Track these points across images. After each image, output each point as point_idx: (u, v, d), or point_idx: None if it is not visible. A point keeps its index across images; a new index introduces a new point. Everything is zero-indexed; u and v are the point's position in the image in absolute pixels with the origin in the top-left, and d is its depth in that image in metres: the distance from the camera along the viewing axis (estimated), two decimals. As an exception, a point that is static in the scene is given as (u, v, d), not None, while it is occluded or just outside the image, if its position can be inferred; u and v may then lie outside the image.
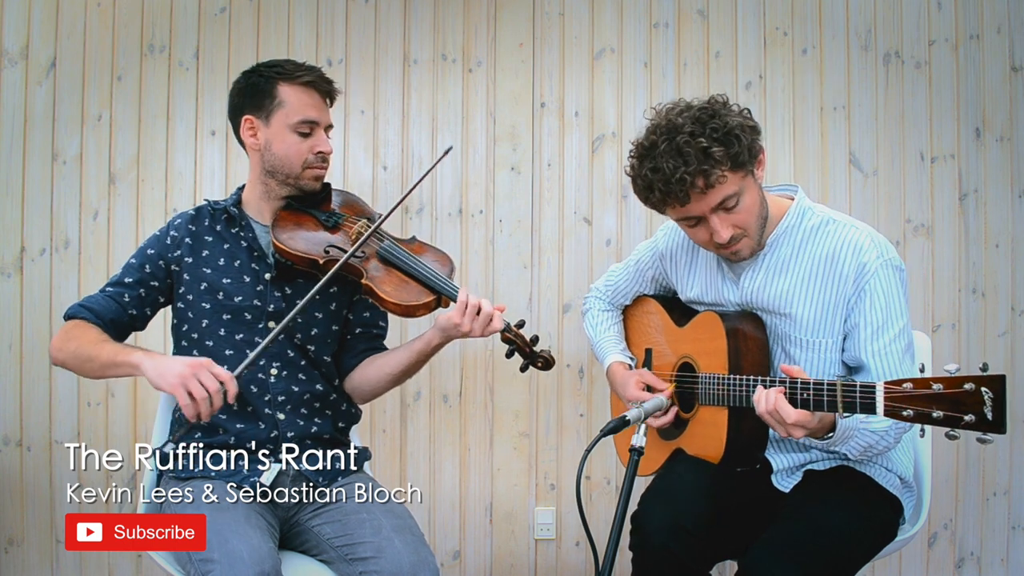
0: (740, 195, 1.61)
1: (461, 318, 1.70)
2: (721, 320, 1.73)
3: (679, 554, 1.61)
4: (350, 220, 1.86)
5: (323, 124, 1.82)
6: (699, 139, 1.55)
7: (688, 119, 1.58)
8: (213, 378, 1.57)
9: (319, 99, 1.82)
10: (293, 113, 1.78)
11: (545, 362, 1.81)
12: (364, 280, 1.74)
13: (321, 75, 1.82)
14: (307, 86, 1.79)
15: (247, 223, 1.84)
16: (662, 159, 1.57)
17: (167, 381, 1.57)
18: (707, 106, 1.60)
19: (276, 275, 1.80)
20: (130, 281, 1.80)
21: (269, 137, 1.79)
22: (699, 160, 1.55)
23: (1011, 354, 2.71)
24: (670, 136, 1.57)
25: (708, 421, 1.75)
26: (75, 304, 1.78)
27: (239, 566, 1.47)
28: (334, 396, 1.85)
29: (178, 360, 1.61)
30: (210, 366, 1.59)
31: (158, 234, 1.85)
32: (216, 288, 1.79)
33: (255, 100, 1.79)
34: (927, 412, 1.26)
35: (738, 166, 1.59)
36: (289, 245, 1.76)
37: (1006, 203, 2.72)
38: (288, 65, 1.81)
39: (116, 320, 1.77)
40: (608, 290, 2.08)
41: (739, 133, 1.58)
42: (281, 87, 1.78)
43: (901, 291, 1.65)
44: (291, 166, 1.80)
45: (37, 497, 2.56)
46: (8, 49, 2.59)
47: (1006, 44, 2.73)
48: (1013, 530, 2.73)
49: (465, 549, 2.68)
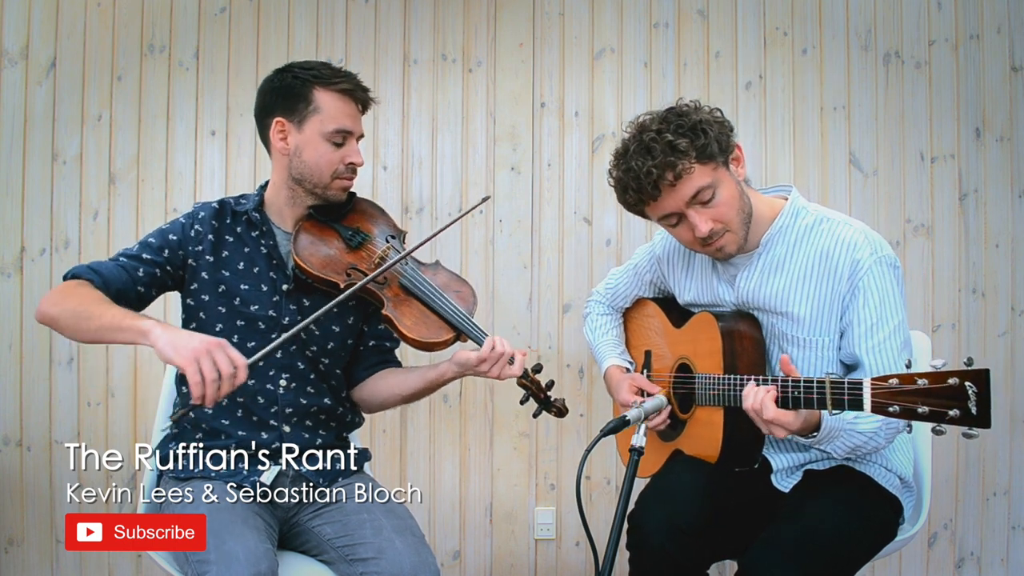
0: (715, 188, 1.62)
1: (480, 362, 1.68)
2: (716, 321, 1.73)
3: (676, 554, 1.61)
4: (374, 243, 1.81)
5: (356, 134, 1.77)
6: (664, 135, 1.60)
7: (655, 119, 1.65)
8: (229, 361, 1.46)
9: (355, 108, 1.75)
10: (329, 121, 1.71)
11: (559, 411, 1.80)
12: (384, 311, 1.71)
13: (359, 83, 1.76)
14: (345, 94, 1.72)
15: (269, 229, 1.78)
16: (632, 159, 1.62)
17: (180, 355, 1.45)
18: (674, 107, 1.66)
19: (293, 287, 1.77)
20: (148, 258, 1.72)
21: (300, 143, 1.72)
22: (664, 152, 1.59)
23: (1011, 354, 2.72)
24: (639, 137, 1.64)
25: (705, 421, 1.75)
26: (82, 265, 1.68)
27: (235, 567, 1.47)
28: (340, 410, 1.83)
29: (195, 335, 1.49)
30: (227, 348, 1.48)
31: (183, 222, 1.77)
32: (233, 293, 1.74)
33: (288, 102, 1.72)
34: (913, 407, 1.27)
35: (706, 157, 1.61)
36: (310, 264, 1.72)
37: (1006, 203, 2.72)
38: (325, 70, 1.73)
39: (123, 291, 1.67)
40: (608, 293, 2.09)
41: (705, 127, 1.61)
42: (318, 92, 1.71)
43: (896, 288, 1.64)
44: (320, 175, 1.74)
45: (37, 497, 2.56)
46: (8, 49, 2.59)
47: (1006, 44, 2.73)
48: (1013, 530, 2.73)
49: (465, 549, 2.68)
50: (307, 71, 1.73)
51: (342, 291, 1.67)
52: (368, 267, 1.76)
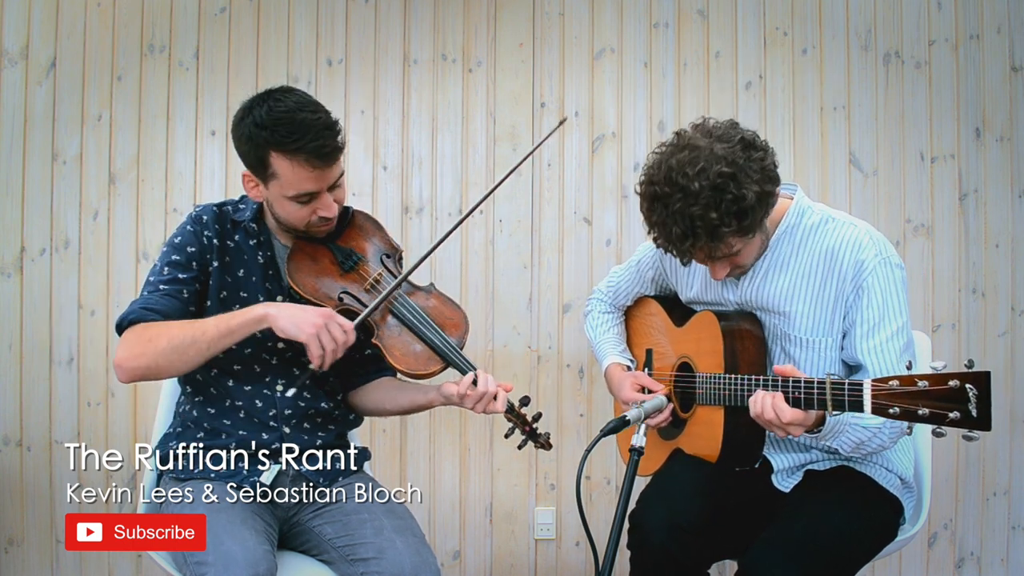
0: (744, 245, 1.61)
1: (461, 399, 1.68)
2: (718, 320, 1.73)
3: (676, 554, 1.61)
4: (367, 265, 1.79)
5: (325, 188, 1.66)
6: (711, 213, 1.50)
7: (705, 184, 1.49)
8: (341, 330, 1.59)
9: (319, 167, 1.61)
10: (288, 187, 1.63)
11: (543, 445, 1.80)
12: (375, 340, 1.72)
13: (321, 144, 1.58)
14: (303, 161, 1.59)
15: (267, 239, 1.78)
16: (672, 221, 1.52)
17: (304, 331, 1.57)
18: (729, 170, 1.50)
19: (287, 300, 1.76)
20: (184, 278, 1.70)
21: (269, 198, 1.70)
22: (708, 235, 1.52)
23: (1011, 354, 2.71)
24: (682, 197, 1.51)
25: (705, 421, 1.75)
26: (134, 310, 1.63)
27: (233, 567, 1.47)
28: (339, 412, 1.84)
29: (308, 309, 1.61)
30: (336, 317, 1.61)
31: (191, 230, 1.73)
32: (233, 300, 1.74)
33: (249, 162, 1.66)
34: (913, 409, 1.27)
35: (746, 232, 1.56)
36: (302, 287, 1.72)
37: (1006, 203, 2.72)
38: (282, 129, 1.57)
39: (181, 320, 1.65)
40: (610, 291, 2.08)
41: (755, 205, 1.52)
42: (275, 158, 1.60)
43: (900, 289, 1.64)
44: (295, 225, 1.72)
45: (37, 497, 2.56)
46: (8, 49, 2.59)
47: (1006, 44, 2.73)
48: (1013, 530, 2.73)
49: (465, 549, 2.68)
50: (264, 131, 1.58)
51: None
52: (359, 291, 1.76)
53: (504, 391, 1.70)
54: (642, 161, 2.67)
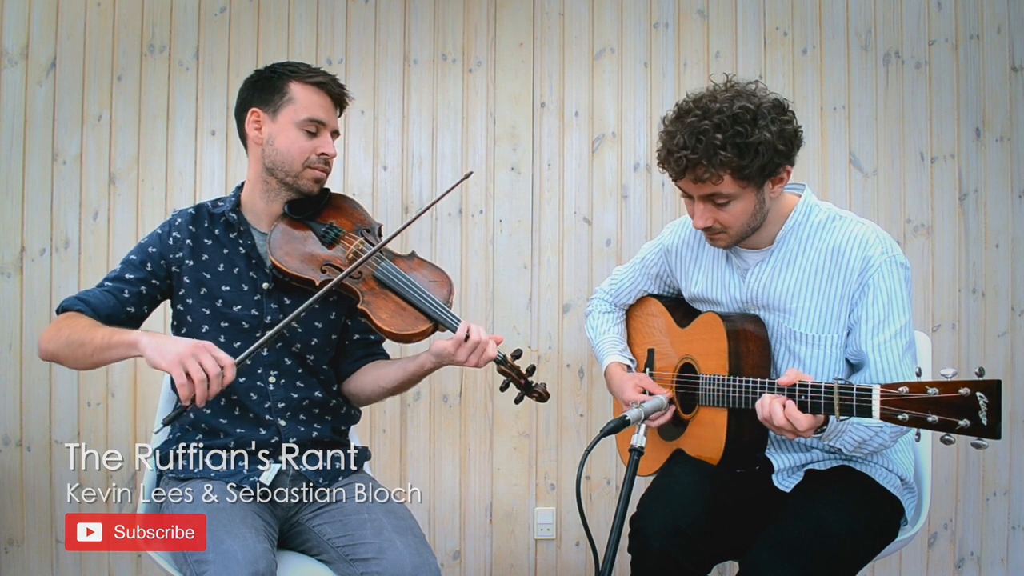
0: (733, 199, 1.62)
1: (456, 350, 1.68)
2: (722, 321, 1.73)
3: (678, 557, 1.61)
4: (349, 236, 1.83)
5: (330, 127, 1.82)
6: (717, 135, 1.56)
7: (725, 108, 1.57)
8: (214, 361, 1.52)
9: (329, 102, 1.82)
10: (302, 110, 1.77)
11: (540, 396, 1.79)
12: (360, 305, 1.73)
13: (334, 79, 1.83)
14: (319, 87, 1.80)
15: (246, 229, 1.82)
16: (683, 130, 1.59)
17: (166, 360, 1.51)
18: (753, 107, 1.58)
19: (274, 286, 1.79)
20: (131, 278, 1.77)
21: (273, 132, 1.78)
22: (705, 153, 1.57)
23: (1011, 354, 2.72)
24: (700, 112, 1.59)
25: (708, 422, 1.75)
26: (70, 297, 1.74)
27: (233, 567, 1.47)
28: (333, 402, 1.85)
29: (180, 340, 1.56)
30: (212, 349, 1.54)
31: (159, 233, 1.82)
32: (215, 295, 1.77)
33: (264, 94, 1.79)
34: (922, 416, 1.26)
35: (740, 177, 1.59)
36: (285, 263, 1.75)
37: (1006, 203, 2.72)
38: (302, 66, 1.82)
39: (112, 316, 1.73)
40: (612, 289, 2.08)
41: (761, 150, 1.57)
42: (293, 84, 1.78)
43: (904, 288, 1.65)
44: (292, 163, 1.78)
45: (37, 497, 2.56)
46: (8, 49, 2.59)
47: (1006, 44, 2.73)
48: (1013, 530, 2.73)
49: (465, 549, 2.68)
50: (285, 66, 1.82)
51: (318, 288, 1.70)
52: (342, 263, 1.78)
53: (495, 341, 1.70)
54: (642, 161, 2.68)
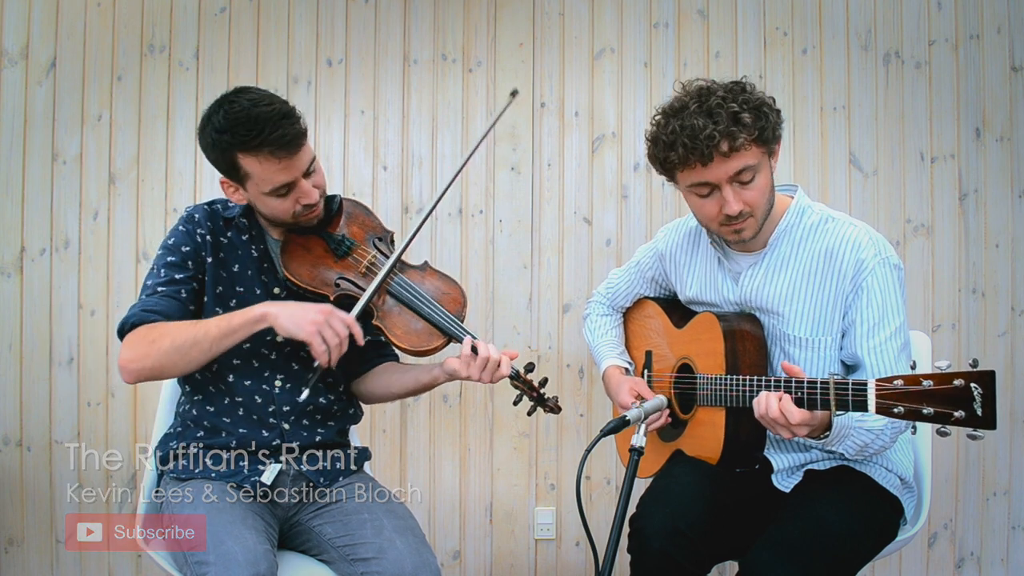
0: (756, 171, 1.62)
1: (466, 369, 1.68)
2: (719, 321, 1.73)
3: (677, 558, 1.61)
4: (361, 249, 1.80)
5: (299, 176, 1.67)
6: (731, 104, 1.58)
7: (720, 87, 1.62)
8: (343, 323, 1.57)
9: (286, 158, 1.62)
10: (263, 183, 1.65)
11: (552, 409, 1.79)
12: (375, 321, 1.72)
13: (280, 132, 1.59)
14: (268, 155, 1.61)
15: (259, 233, 1.79)
16: (692, 117, 1.59)
17: (304, 329, 1.55)
18: (739, 81, 1.65)
19: (286, 295, 1.78)
20: (180, 278, 1.71)
21: (250, 198, 1.71)
22: (729, 122, 1.57)
23: (1011, 354, 2.72)
24: (702, 99, 1.61)
25: (706, 422, 1.75)
26: (132, 314, 1.65)
27: (233, 567, 1.47)
28: (338, 406, 1.84)
29: (308, 306, 1.59)
30: (336, 312, 1.58)
31: (183, 230, 1.75)
32: (229, 295, 1.75)
33: (222, 168, 1.68)
34: (918, 409, 1.26)
35: (762, 141, 1.61)
36: (298, 277, 1.73)
37: (1006, 203, 2.72)
38: (241, 130, 1.59)
39: (181, 319, 1.67)
40: (609, 293, 2.08)
41: (767, 110, 1.61)
42: (241, 158, 1.63)
43: (898, 290, 1.65)
44: (281, 218, 1.74)
45: (37, 497, 2.56)
46: (8, 49, 2.59)
47: (1006, 44, 2.73)
48: (1013, 530, 2.73)
49: (465, 549, 2.68)
50: (224, 135, 1.60)
51: (332, 303, 1.68)
52: (355, 275, 1.77)
53: (508, 358, 1.70)
54: (642, 161, 2.68)
